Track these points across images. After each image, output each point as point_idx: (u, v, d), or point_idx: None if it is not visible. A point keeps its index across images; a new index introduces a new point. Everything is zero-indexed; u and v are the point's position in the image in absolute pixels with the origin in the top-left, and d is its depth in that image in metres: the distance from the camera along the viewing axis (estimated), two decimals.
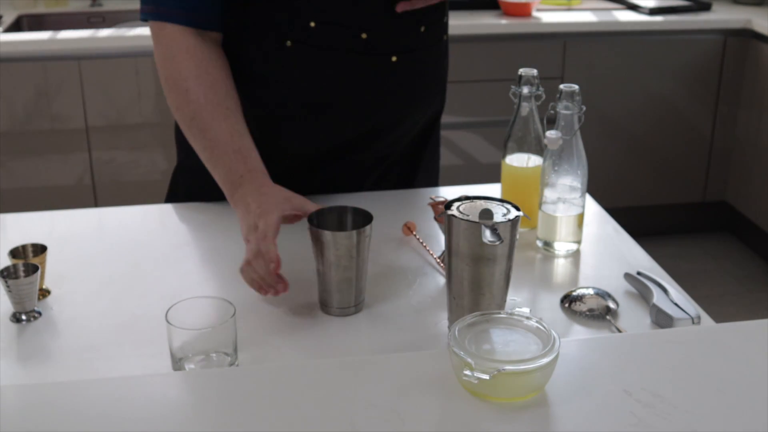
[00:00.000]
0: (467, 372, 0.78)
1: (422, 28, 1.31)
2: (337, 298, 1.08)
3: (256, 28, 1.28)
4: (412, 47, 1.31)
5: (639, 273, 1.15)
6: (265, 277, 1.06)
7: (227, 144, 1.18)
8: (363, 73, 1.29)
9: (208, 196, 1.36)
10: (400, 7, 1.25)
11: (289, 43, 1.26)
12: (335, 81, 1.29)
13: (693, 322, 1.04)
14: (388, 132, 1.38)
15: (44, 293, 1.13)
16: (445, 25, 1.39)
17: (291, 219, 1.12)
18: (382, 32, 1.27)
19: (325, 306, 1.09)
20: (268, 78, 1.30)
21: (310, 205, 1.10)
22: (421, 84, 1.37)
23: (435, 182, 1.55)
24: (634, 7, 3.10)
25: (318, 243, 1.06)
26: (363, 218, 1.09)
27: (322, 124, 1.33)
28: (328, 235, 1.04)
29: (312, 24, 1.24)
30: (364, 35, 1.26)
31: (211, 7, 1.23)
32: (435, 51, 1.37)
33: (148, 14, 1.24)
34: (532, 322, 0.85)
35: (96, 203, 2.80)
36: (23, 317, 1.07)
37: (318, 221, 1.08)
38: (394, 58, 1.29)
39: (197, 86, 1.20)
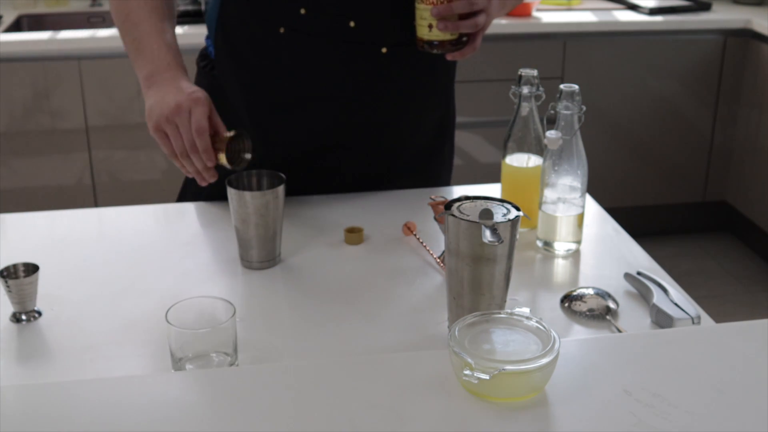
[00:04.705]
0: (467, 372, 0.78)
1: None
2: (257, 253, 1.18)
3: (252, 13, 1.30)
4: (404, 42, 1.30)
5: (639, 273, 1.15)
6: (199, 170, 1.18)
7: (158, 36, 1.24)
8: (352, 62, 1.30)
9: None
10: (451, 56, 1.25)
11: (282, 29, 1.28)
12: (326, 69, 1.30)
13: (693, 322, 1.04)
14: (383, 130, 1.37)
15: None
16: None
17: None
18: (371, 22, 1.28)
19: (245, 260, 1.20)
20: (262, 65, 1.32)
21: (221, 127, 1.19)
22: (415, 83, 1.36)
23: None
24: (634, 7, 3.10)
25: (237, 202, 1.16)
26: (278, 180, 1.19)
27: (313, 114, 1.33)
28: (246, 195, 1.15)
29: (302, 11, 1.26)
30: (352, 23, 1.27)
31: None
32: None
33: None
34: (532, 322, 0.85)
35: (96, 203, 2.80)
36: (23, 317, 1.07)
37: (237, 184, 1.18)
38: (384, 50, 1.30)
39: (139, 5, 1.27)
